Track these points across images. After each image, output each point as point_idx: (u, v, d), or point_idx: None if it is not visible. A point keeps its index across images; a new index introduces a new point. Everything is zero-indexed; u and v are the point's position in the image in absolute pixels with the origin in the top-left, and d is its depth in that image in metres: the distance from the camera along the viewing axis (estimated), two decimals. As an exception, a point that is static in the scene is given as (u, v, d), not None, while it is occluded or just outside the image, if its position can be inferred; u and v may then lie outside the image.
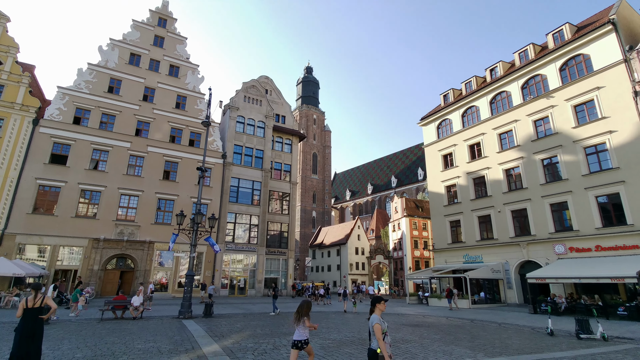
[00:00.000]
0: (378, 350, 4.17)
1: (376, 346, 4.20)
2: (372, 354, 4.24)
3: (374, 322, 4.29)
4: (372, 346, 4.28)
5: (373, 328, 4.25)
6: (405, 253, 40.87)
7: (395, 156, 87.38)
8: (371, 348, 4.27)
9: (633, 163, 20.00)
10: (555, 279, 20.14)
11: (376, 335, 4.19)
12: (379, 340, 4.16)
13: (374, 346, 4.22)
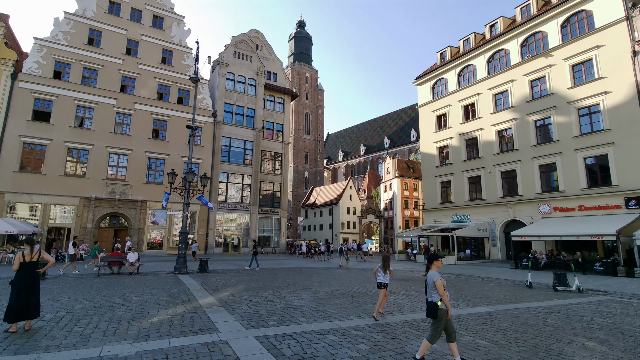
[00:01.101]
0: (439, 303, 4.47)
1: (437, 299, 4.49)
2: (433, 305, 4.51)
3: (435, 278, 4.53)
4: (432, 299, 4.54)
5: (435, 283, 4.50)
6: (396, 213, 41.83)
7: (388, 117, 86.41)
8: (431, 301, 4.54)
9: (624, 124, 20.10)
10: (538, 236, 21.00)
11: (439, 290, 4.46)
12: (443, 295, 4.46)
13: (435, 299, 4.50)
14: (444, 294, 4.46)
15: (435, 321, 4.49)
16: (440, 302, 4.45)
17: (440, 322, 4.46)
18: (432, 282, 4.55)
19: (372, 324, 6.69)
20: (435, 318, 4.48)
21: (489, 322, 7.12)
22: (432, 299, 4.53)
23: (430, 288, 4.58)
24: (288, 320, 6.92)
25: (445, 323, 4.46)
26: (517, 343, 5.63)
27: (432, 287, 4.57)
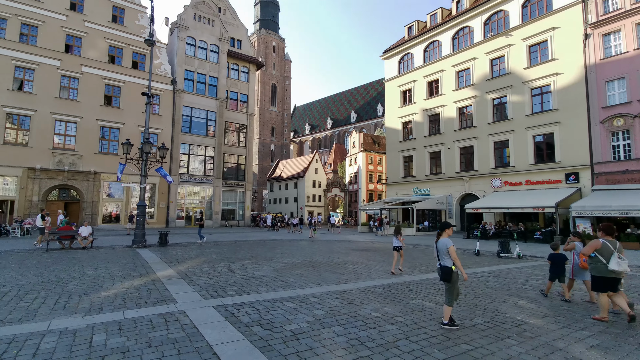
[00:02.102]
0: (453, 267, 4.78)
1: (450, 264, 4.80)
2: (447, 270, 4.82)
3: (449, 245, 4.84)
4: (446, 264, 4.86)
5: (448, 249, 4.81)
6: (360, 186, 42.79)
7: (356, 91, 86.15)
8: (445, 265, 4.86)
9: (570, 105, 21.53)
10: (488, 209, 22.55)
11: (452, 256, 4.79)
12: (456, 260, 4.79)
13: (449, 264, 4.82)
14: (456, 259, 4.79)
15: (450, 285, 4.82)
16: (454, 266, 4.77)
17: (455, 284, 4.81)
18: (446, 248, 4.85)
19: (329, 291, 6.97)
20: (449, 281, 4.82)
21: (438, 286, 7.67)
22: (446, 264, 4.85)
23: (443, 254, 4.89)
24: (248, 289, 7.03)
25: (455, 286, 4.81)
26: (459, 303, 6.14)
27: (445, 253, 4.87)
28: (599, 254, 5.36)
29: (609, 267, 5.17)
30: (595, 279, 5.42)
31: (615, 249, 5.27)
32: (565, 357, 3.91)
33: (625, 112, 19.38)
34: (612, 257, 5.19)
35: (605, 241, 5.38)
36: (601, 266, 5.30)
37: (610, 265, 5.16)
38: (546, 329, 4.85)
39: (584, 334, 4.69)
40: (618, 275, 5.22)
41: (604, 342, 4.36)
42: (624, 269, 5.13)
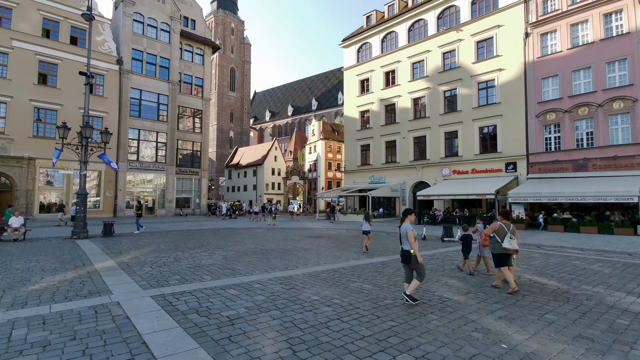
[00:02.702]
0: (411, 251, 5.21)
1: (409, 247, 5.23)
2: (406, 253, 5.29)
3: (408, 229, 5.26)
4: (405, 248, 5.30)
5: (407, 234, 5.23)
6: (320, 174, 43.19)
7: (317, 78, 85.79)
8: (405, 249, 5.31)
9: (511, 100, 23.13)
10: (437, 196, 23.86)
11: (410, 240, 5.22)
12: (413, 244, 5.22)
13: (408, 247, 5.26)
14: (413, 243, 5.22)
15: (413, 266, 5.29)
16: (412, 250, 5.20)
17: (416, 265, 5.25)
18: (406, 232, 5.27)
19: (274, 278, 7.09)
20: (409, 263, 5.29)
21: (380, 269, 8.08)
22: (406, 248, 5.28)
23: (404, 238, 5.31)
24: (191, 278, 6.95)
25: (419, 266, 5.26)
26: (396, 285, 6.54)
27: (405, 237, 5.29)
28: (497, 234, 6.20)
29: (503, 245, 6.05)
30: (494, 256, 6.27)
31: (509, 231, 6.13)
32: (475, 327, 4.35)
33: (557, 107, 21.22)
34: (505, 237, 6.06)
35: (502, 224, 6.22)
36: (497, 245, 6.17)
37: (504, 244, 6.03)
38: (466, 304, 5.34)
39: (496, 307, 5.23)
40: (509, 252, 6.11)
41: (511, 314, 4.90)
42: (514, 247, 6.04)
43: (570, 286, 6.57)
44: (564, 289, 6.34)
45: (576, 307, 5.25)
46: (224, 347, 3.72)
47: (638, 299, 5.70)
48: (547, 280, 7.11)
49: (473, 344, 3.83)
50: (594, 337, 4.08)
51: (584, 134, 20.48)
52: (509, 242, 6.01)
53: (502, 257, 6.15)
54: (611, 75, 19.58)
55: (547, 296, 5.84)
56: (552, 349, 3.73)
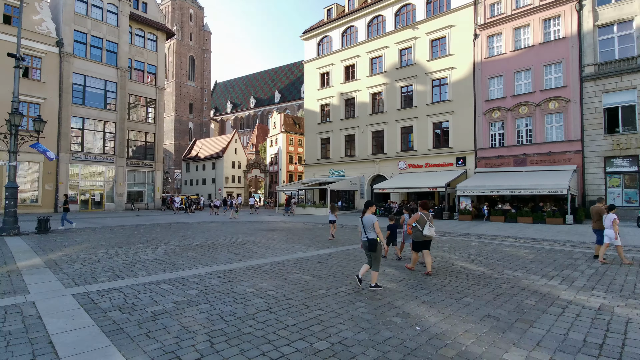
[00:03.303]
0: (378, 238, 5.62)
1: (375, 236, 5.62)
2: (373, 241, 5.62)
3: (374, 220, 5.68)
4: (371, 237, 5.64)
5: (374, 224, 5.63)
6: (281, 167, 42.89)
7: (280, 70, 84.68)
8: (372, 238, 5.64)
9: (461, 97, 24.30)
10: (393, 189, 24.65)
11: (376, 229, 5.63)
12: (379, 233, 5.66)
13: (374, 236, 5.62)
14: (380, 232, 5.65)
15: (375, 254, 5.62)
16: (378, 238, 5.60)
17: (379, 253, 5.65)
18: (372, 223, 5.67)
19: (214, 271, 6.96)
20: (375, 251, 5.63)
21: (324, 261, 8.20)
22: (372, 236, 5.65)
23: (369, 228, 5.67)
24: (124, 275, 6.64)
25: (379, 255, 5.64)
26: (335, 275, 6.68)
27: (370, 227, 5.67)
28: (418, 223, 6.89)
29: (423, 233, 6.82)
30: (414, 242, 7.09)
31: (428, 220, 6.90)
32: (397, 312, 4.56)
33: (501, 105, 22.62)
34: (425, 226, 6.82)
35: (422, 214, 7.00)
36: (418, 233, 6.93)
37: (424, 231, 6.81)
38: (396, 291, 5.58)
39: (422, 292, 5.52)
40: (428, 238, 6.91)
41: (433, 299, 5.20)
42: (432, 234, 6.86)
43: (495, 271, 7.09)
44: (488, 274, 6.82)
45: (493, 290, 5.68)
46: (138, 344, 3.60)
47: (549, 281, 6.27)
48: (476, 266, 7.62)
49: (390, 328, 4.01)
50: (500, 316, 4.43)
51: (524, 131, 22.04)
52: (428, 229, 6.78)
53: (422, 243, 6.93)
54: (548, 77, 21.17)
55: (471, 281, 6.26)
56: (460, 329, 4.00)
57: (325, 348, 3.52)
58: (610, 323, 4.22)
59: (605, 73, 19.22)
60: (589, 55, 19.76)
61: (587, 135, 19.83)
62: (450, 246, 10.69)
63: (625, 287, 5.86)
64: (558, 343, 3.65)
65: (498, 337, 3.80)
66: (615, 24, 19.26)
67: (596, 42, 19.67)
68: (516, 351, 3.46)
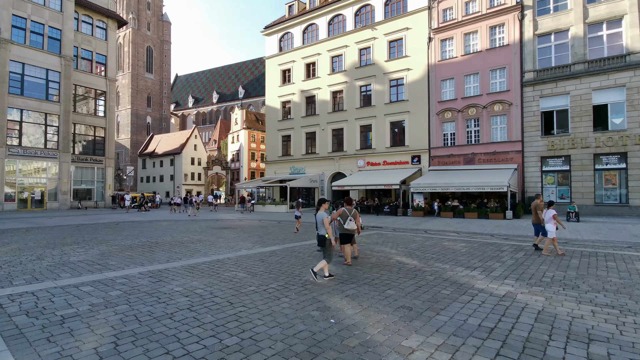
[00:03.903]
0: (326, 235, 5.97)
1: (324, 232, 5.98)
2: (322, 237, 6.05)
3: (323, 217, 6.07)
4: (321, 233, 6.06)
5: (323, 221, 6.01)
6: (242, 164, 42.21)
7: (244, 65, 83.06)
8: (320, 234, 6.09)
9: (417, 98, 25.19)
10: (351, 186, 25.11)
11: (325, 226, 5.98)
12: (328, 229, 5.99)
13: (324, 232, 6.01)
14: (329, 228, 6.01)
15: (325, 248, 6.04)
16: (327, 235, 5.97)
17: (329, 248, 6.02)
18: (322, 220, 6.04)
19: (146, 271, 6.75)
20: (324, 246, 6.03)
21: (266, 258, 8.22)
22: (322, 233, 6.04)
23: (320, 224, 6.06)
24: (44, 277, 6.26)
25: (329, 249, 6.04)
26: (271, 272, 6.72)
27: (321, 224, 6.04)
28: (341, 217, 7.41)
29: (345, 227, 7.37)
30: (340, 235, 7.59)
31: (351, 214, 7.38)
32: (318, 306, 4.69)
33: (453, 107, 23.73)
34: (347, 220, 7.34)
35: (345, 209, 7.51)
36: (341, 226, 7.48)
37: (345, 225, 7.35)
38: (325, 286, 5.73)
39: (350, 286, 5.71)
40: (350, 232, 7.43)
41: (358, 292, 5.40)
42: (353, 227, 7.38)
43: (426, 264, 7.48)
44: (419, 267, 7.18)
45: (417, 282, 5.99)
46: (35, 348, 3.43)
47: (471, 272, 6.72)
48: (412, 260, 7.98)
49: (305, 322, 4.12)
50: (414, 306, 4.70)
51: (473, 132, 23.29)
52: (349, 223, 7.31)
53: (345, 236, 7.46)
54: (494, 81, 22.51)
55: (401, 274, 6.56)
56: (372, 320, 4.20)
57: (234, 344, 3.55)
58: (509, 309, 4.61)
59: (542, 79, 20.77)
60: (529, 62, 21.25)
61: (526, 137, 21.34)
62: (395, 242, 11.10)
63: (535, 276, 6.42)
64: (455, 328, 3.94)
65: (404, 325, 4.03)
66: (553, 33, 20.86)
67: (535, 50, 21.18)
68: (415, 337, 3.69)
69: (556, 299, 5.02)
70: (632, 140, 18.41)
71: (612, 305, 4.74)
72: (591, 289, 5.51)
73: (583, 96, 19.71)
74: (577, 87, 19.90)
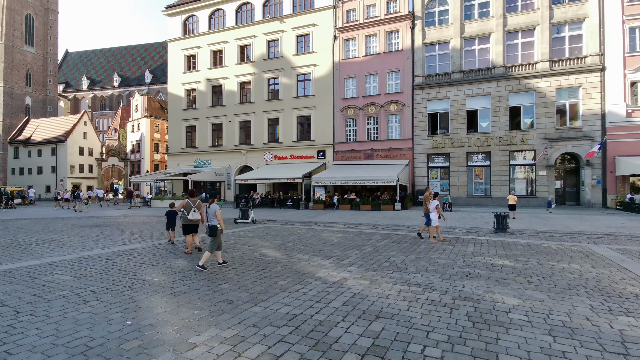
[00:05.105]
0: (218, 225, 6.33)
1: (216, 223, 6.33)
2: (213, 228, 6.35)
3: (217, 209, 6.44)
4: (212, 223, 6.37)
5: (216, 213, 6.38)
6: (144, 156, 38.45)
7: (152, 47, 75.70)
8: (213, 225, 6.37)
9: (323, 94, 25.79)
10: (254, 179, 24.69)
11: (218, 217, 6.37)
12: (221, 220, 6.39)
13: (215, 223, 6.34)
14: (221, 220, 6.43)
15: (215, 238, 6.36)
16: (218, 225, 6.33)
17: (218, 238, 6.39)
18: (214, 212, 6.42)
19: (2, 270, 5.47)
20: (215, 236, 6.36)
21: (115, 257, 7.44)
22: (213, 223, 6.38)
23: (212, 216, 6.42)
24: None
25: (219, 239, 6.43)
26: (106, 273, 6.04)
27: (213, 215, 6.41)
28: (185, 209, 7.61)
29: (188, 217, 7.58)
30: (184, 226, 7.79)
31: (195, 205, 7.64)
32: (127, 307, 4.28)
33: (355, 104, 24.88)
34: (190, 211, 7.57)
35: (189, 201, 7.76)
36: (185, 217, 7.67)
37: (189, 216, 7.58)
38: (156, 284, 5.32)
39: (185, 283, 5.40)
40: (193, 222, 7.64)
41: (189, 288, 5.12)
42: (197, 218, 7.58)
43: (288, 256, 7.54)
44: (278, 259, 7.20)
45: (262, 274, 5.97)
46: None
47: (324, 261, 6.95)
48: (276, 252, 7.99)
49: (94, 327, 3.71)
50: (237, 299, 4.60)
51: (372, 129, 24.75)
52: (192, 214, 7.54)
53: (189, 227, 7.70)
54: (390, 82, 24.20)
55: (253, 267, 6.47)
56: (178, 317, 3.96)
57: (-26, 362, 2.96)
58: (329, 294, 4.81)
59: (429, 84, 23.02)
60: (418, 67, 23.34)
61: (416, 135, 23.48)
62: (276, 235, 11.09)
63: (379, 261, 6.92)
64: (261, 319, 3.93)
65: (209, 320, 3.88)
66: (437, 43, 23.21)
67: (424, 57, 23.35)
68: (209, 332, 3.55)
69: (379, 281, 5.43)
70: (494, 142, 21.58)
71: (420, 284, 5.28)
72: (415, 270, 6.12)
73: (459, 102, 22.41)
74: (455, 94, 22.53)
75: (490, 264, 6.63)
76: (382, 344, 3.28)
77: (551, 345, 3.24)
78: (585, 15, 19.84)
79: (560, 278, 5.59)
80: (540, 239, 9.71)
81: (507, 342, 3.31)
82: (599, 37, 19.47)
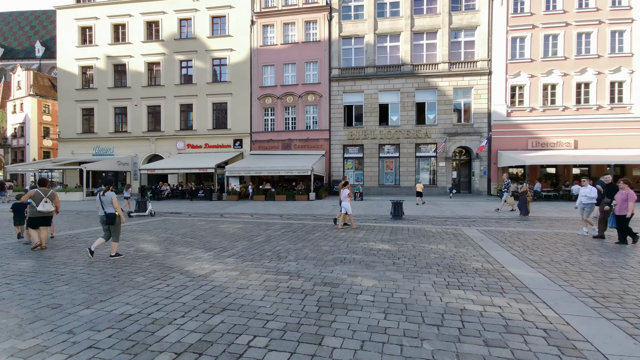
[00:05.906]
0: (117, 213, 6.24)
1: (113, 211, 6.22)
2: (112, 215, 6.19)
3: (113, 197, 6.23)
4: (109, 211, 6.19)
5: (112, 200, 6.20)
6: (29, 142, 32.87)
7: (46, 16, 64.81)
8: (110, 212, 6.19)
9: (240, 80, 24.76)
10: (162, 169, 22.82)
11: (115, 205, 6.22)
12: (118, 208, 6.26)
13: (113, 211, 6.21)
14: (118, 207, 6.23)
15: (115, 227, 6.20)
16: (117, 212, 6.16)
17: (118, 226, 6.24)
18: (110, 199, 6.15)
19: None
20: (114, 224, 6.17)
21: None
22: (111, 211, 6.15)
23: (107, 204, 6.13)
24: None
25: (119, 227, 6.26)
26: None
27: (108, 203, 6.14)
28: (33, 200, 6.77)
29: (37, 209, 6.83)
30: (30, 219, 6.97)
31: (47, 196, 6.97)
32: None
33: (273, 93, 24.40)
34: (40, 202, 6.86)
35: (39, 190, 7.00)
36: (33, 209, 6.90)
37: (38, 207, 6.84)
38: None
39: (26, 283, 4.54)
40: (44, 214, 6.91)
41: (22, 290, 4.30)
42: (48, 209, 6.92)
43: (166, 249, 6.95)
44: (152, 253, 6.58)
45: (120, 271, 5.34)
46: None
47: (203, 254, 6.54)
48: (154, 246, 7.33)
49: None
50: (68, 301, 3.98)
51: (290, 119, 24.59)
52: (43, 205, 6.85)
53: (39, 219, 6.86)
54: (308, 72, 24.22)
55: (117, 264, 5.78)
56: (-33, 331, 3.23)
57: None
58: (186, 289, 4.46)
59: (344, 77, 23.60)
60: (335, 59, 23.75)
61: (333, 126, 23.97)
62: (170, 227, 10.27)
63: (263, 251, 6.75)
64: (82, 323, 3.43)
65: (15, 330, 3.26)
66: (353, 37, 23.84)
67: (340, 50, 23.82)
68: (4, 344, 2.94)
69: (249, 271, 5.24)
70: (403, 135, 23.10)
71: (290, 272, 5.23)
72: (294, 259, 6.08)
73: (372, 95, 23.43)
74: (369, 87, 23.49)
75: (369, 248, 6.92)
76: (209, 339, 3.06)
77: (379, 323, 3.37)
78: (477, 23, 22.16)
79: (422, 259, 6.04)
80: (426, 224, 10.58)
81: (340, 324, 3.36)
82: (488, 44, 21.96)
